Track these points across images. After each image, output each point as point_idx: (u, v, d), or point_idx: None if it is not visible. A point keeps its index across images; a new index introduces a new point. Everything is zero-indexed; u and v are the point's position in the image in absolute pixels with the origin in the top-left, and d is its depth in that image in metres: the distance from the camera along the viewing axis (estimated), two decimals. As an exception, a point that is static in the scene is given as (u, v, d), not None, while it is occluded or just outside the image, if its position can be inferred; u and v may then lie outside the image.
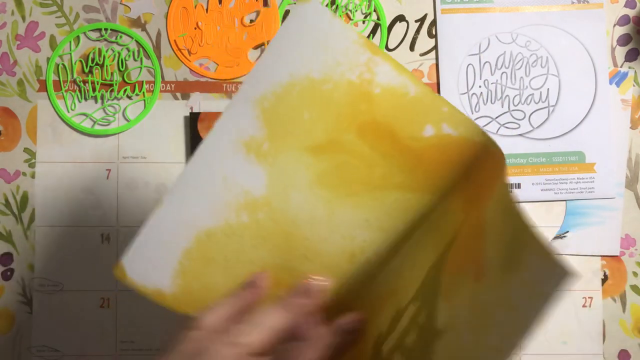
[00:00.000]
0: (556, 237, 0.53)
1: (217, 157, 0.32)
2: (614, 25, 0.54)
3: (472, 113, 0.53)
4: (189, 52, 0.53)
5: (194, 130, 0.52)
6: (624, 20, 0.54)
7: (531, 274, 0.24)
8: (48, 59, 0.53)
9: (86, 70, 0.53)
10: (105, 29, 0.53)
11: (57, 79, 0.53)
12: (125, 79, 0.53)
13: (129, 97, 0.53)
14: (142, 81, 0.53)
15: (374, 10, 0.54)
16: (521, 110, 0.54)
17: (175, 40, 0.53)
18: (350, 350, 0.33)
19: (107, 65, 0.53)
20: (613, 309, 0.53)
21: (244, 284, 0.34)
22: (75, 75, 0.53)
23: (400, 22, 0.54)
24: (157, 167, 0.53)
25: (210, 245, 0.33)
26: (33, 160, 0.53)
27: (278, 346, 0.31)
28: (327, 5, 0.54)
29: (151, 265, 0.33)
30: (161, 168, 0.53)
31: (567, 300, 0.53)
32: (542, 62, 0.54)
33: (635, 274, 0.53)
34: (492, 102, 0.54)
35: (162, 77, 0.53)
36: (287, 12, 0.54)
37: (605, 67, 0.53)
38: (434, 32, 0.54)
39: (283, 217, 0.32)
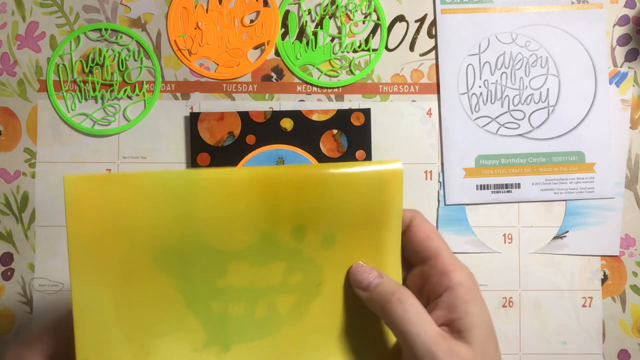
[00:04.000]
0: (556, 237, 0.53)
1: None
2: (614, 26, 0.54)
3: (472, 113, 0.53)
4: (189, 52, 0.53)
5: (194, 130, 0.53)
6: (623, 20, 0.54)
7: None
8: (48, 59, 0.53)
9: (86, 70, 0.53)
10: (106, 29, 0.53)
11: (58, 79, 0.53)
12: (126, 79, 0.53)
13: (129, 97, 0.53)
14: (142, 81, 0.53)
15: (374, 10, 0.54)
16: (521, 111, 0.54)
17: (175, 41, 0.53)
18: None
19: (107, 65, 0.53)
20: (613, 309, 0.53)
21: None
22: (75, 75, 0.53)
23: (400, 22, 0.54)
24: (157, 167, 0.53)
25: None
26: (33, 160, 0.53)
27: None
28: (327, 6, 0.54)
29: None
30: (161, 168, 0.53)
31: (567, 300, 0.53)
32: (542, 62, 0.54)
33: (635, 273, 0.53)
34: (492, 102, 0.54)
35: (162, 77, 0.53)
36: (287, 12, 0.54)
37: (605, 67, 0.54)
38: (433, 32, 0.54)
39: None
